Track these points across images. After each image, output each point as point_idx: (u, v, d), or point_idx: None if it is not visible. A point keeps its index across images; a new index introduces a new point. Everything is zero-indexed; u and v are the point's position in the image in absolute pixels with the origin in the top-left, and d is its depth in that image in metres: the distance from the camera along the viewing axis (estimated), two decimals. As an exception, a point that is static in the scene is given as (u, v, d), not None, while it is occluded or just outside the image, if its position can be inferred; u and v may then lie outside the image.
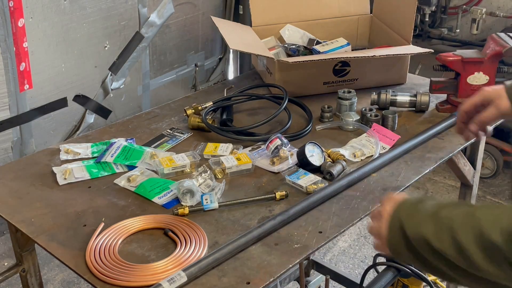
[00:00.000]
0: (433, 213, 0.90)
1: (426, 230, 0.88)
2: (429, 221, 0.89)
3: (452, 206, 0.90)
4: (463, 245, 0.83)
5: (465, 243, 0.83)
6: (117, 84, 3.07)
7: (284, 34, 2.07)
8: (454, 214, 0.87)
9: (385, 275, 1.47)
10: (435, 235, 0.87)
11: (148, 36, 3.12)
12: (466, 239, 0.83)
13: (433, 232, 0.88)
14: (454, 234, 0.85)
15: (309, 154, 1.44)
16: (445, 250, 0.86)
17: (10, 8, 2.39)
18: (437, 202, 0.93)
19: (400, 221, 0.94)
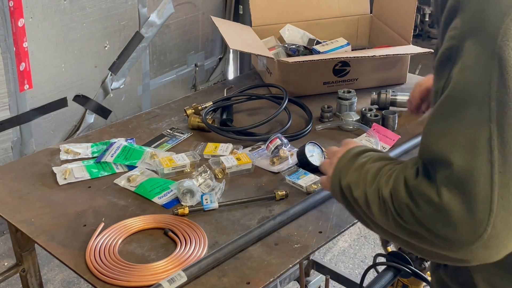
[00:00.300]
0: (361, 164, 0.99)
1: (351, 179, 0.98)
2: (355, 171, 0.98)
3: (375, 160, 0.98)
4: (367, 195, 0.92)
5: (368, 194, 0.92)
6: (117, 84, 3.07)
7: (284, 34, 2.07)
8: (372, 167, 0.96)
9: (385, 275, 1.47)
10: (355, 184, 0.96)
11: (148, 36, 3.12)
12: (369, 191, 0.92)
13: (355, 181, 0.96)
14: (364, 185, 0.94)
15: (309, 154, 1.44)
16: (358, 197, 0.94)
17: (10, 8, 2.39)
18: (370, 154, 1.01)
19: (339, 168, 1.01)
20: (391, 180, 0.88)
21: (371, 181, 0.93)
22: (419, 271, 1.47)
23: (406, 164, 0.88)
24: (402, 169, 0.88)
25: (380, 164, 0.96)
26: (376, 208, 0.90)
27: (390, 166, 0.93)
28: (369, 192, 0.92)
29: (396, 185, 0.86)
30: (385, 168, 0.93)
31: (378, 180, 0.92)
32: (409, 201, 0.82)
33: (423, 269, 1.63)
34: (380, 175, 0.92)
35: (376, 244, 2.88)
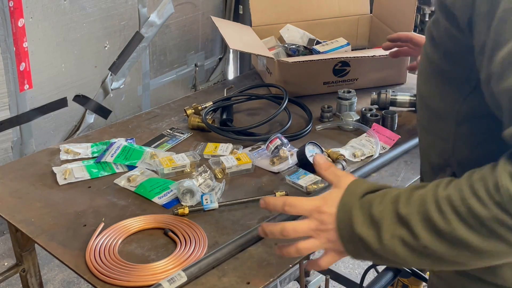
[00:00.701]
0: (387, 193, 0.85)
1: (379, 209, 0.84)
2: (381, 202, 0.84)
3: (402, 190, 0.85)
4: (429, 212, 0.80)
5: (430, 210, 0.79)
6: (117, 84, 3.07)
7: (284, 34, 2.07)
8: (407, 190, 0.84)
9: (385, 275, 1.47)
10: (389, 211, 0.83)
11: (148, 36, 3.12)
12: (430, 206, 0.80)
13: (387, 209, 0.83)
14: (416, 206, 0.81)
15: (309, 154, 1.44)
16: (410, 219, 0.81)
17: (10, 8, 2.39)
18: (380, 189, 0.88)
19: (349, 207, 0.86)
20: (475, 181, 0.77)
21: (427, 198, 0.80)
22: (419, 271, 1.47)
23: (503, 163, 0.76)
24: (491, 170, 0.77)
25: (422, 186, 0.84)
26: (446, 220, 0.78)
27: (445, 180, 0.82)
28: (429, 205, 0.79)
29: (497, 183, 0.74)
30: (441, 184, 0.81)
31: (439, 191, 0.80)
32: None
33: (423, 269, 1.63)
34: (439, 187, 0.81)
35: (376, 244, 2.87)
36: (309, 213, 0.92)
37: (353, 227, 0.85)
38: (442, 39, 0.90)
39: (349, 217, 0.86)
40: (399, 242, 0.82)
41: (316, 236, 0.92)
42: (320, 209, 0.90)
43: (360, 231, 0.84)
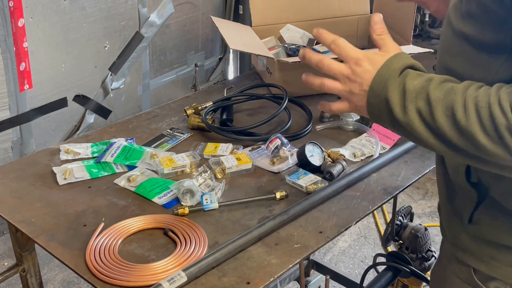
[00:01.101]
0: (423, 76, 0.93)
1: (415, 85, 0.92)
2: (419, 80, 0.92)
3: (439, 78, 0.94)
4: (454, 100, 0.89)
5: (456, 100, 0.89)
6: (117, 84, 3.07)
7: (284, 34, 2.07)
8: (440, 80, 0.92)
9: (385, 275, 1.47)
10: (420, 91, 0.91)
11: (148, 36, 3.12)
12: (458, 98, 0.89)
13: (420, 88, 0.91)
14: (446, 93, 0.90)
15: (309, 154, 1.44)
16: (435, 100, 0.90)
17: (10, 8, 2.39)
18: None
19: (385, 77, 0.94)
20: (503, 91, 0.86)
21: (460, 90, 0.89)
22: (419, 271, 1.47)
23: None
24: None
25: (454, 79, 0.93)
26: (466, 115, 0.87)
27: (477, 84, 0.90)
28: (457, 97, 0.88)
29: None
30: (472, 86, 0.90)
31: (469, 90, 0.88)
32: None
33: (423, 269, 1.63)
34: (471, 87, 0.89)
35: (376, 244, 2.88)
36: (348, 60, 1.01)
37: (386, 89, 0.94)
38: (474, 12, 0.93)
39: (385, 81, 0.94)
40: (418, 116, 0.91)
41: (342, 82, 1.01)
42: (359, 61, 0.99)
43: (390, 95, 0.93)
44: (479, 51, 0.95)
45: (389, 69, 0.96)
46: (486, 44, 0.94)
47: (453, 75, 1.00)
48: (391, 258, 1.49)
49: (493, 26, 0.92)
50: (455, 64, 1.01)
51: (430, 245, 1.63)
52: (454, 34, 1.00)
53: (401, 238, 1.60)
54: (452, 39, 1.01)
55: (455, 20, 1.00)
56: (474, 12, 0.94)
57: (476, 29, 0.94)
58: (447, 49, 1.03)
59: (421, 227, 1.61)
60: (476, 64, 0.96)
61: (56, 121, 2.82)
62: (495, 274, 1.03)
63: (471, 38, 0.95)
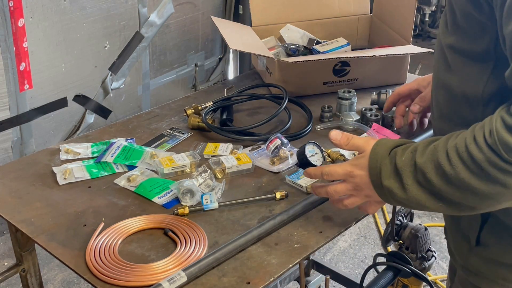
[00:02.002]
0: (407, 148, 0.99)
1: (403, 160, 0.97)
2: (403, 154, 0.98)
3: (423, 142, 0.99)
4: (438, 157, 0.93)
5: (440, 155, 0.92)
6: (117, 84, 3.07)
7: (284, 34, 2.07)
8: (425, 143, 0.97)
9: (385, 275, 1.47)
10: (407, 161, 0.96)
11: (148, 36, 3.12)
12: (440, 154, 0.92)
13: (407, 159, 0.97)
14: (431, 153, 0.94)
15: (309, 154, 1.44)
16: (422, 165, 0.94)
17: (10, 8, 2.39)
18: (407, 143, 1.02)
19: (377, 159, 1.01)
20: (477, 129, 0.88)
21: (440, 146, 0.92)
22: (419, 271, 1.47)
23: (500, 109, 0.87)
24: (490, 118, 0.87)
25: (437, 139, 0.96)
26: (452, 166, 0.89)
27: (457, 133, 0.93)
28: (440, 154, 0.91)
29: (491, 128, 0.85)
30: (452, 136, 0.93)
31: (449, 142, 0.91)
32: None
33: (423, 269, 1.63)
34: (451, 138, 0.92)
35: (376, 244, 2.88)
36: (344, 178, 1.10)
37: (381, 179, 1.00)
38: (459, 23, 0.95)
39: (379, 171, 1.01)
40: (418, 187, 0.95)
41: (355, 194, 1.11)
42: (352, 173, 1.08)
43: (386, 182, 0.99)
44: (468, 61, 0.96)
45: (376, 161, 1.02)
46: (473, 53, 0.95)
47: (448, 90, 1.03)
48: (391, 258, 1.49)
49: (476, 34, 0.93)
50: (445, 78, 1.03)
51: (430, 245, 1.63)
52: (442, 48, 1.02)
53: (401, 238, 1.60)
54: (441, 53, 1.03)
55: (442, 35, 1.03)
56: (460, 23, 0.95)
57: (462, 39, 0.96)
58: (438, 64, 1.05)
59: (421, 227, 1.61)
60: (467, 75, 0.98)
61: (56, 121, 2.82)
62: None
63: (459, 50, 0.97)
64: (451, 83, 1.02)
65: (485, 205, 0.91)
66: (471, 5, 0.91)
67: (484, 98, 0.96)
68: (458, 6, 0.95)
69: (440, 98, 1.07)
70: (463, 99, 1.00)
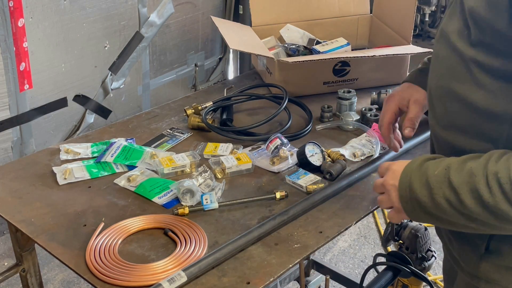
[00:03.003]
0: (440, 162, 0.98)
1: (432, 178, 0.97)
2: (436, 169, 0.97)
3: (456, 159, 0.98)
4: (476, 182, 0.91)
5: (478, 181, 0.91)
6: (117, 84, 3.07)
7: (284, 34, 2.07)
8: (457, 161, 0.96)
9: (385, 275, 1.47)
10: (438, 179, 0.96)
11: (148, 36, 3.12)
12: (479, 179, 0.91)
13: (439, 177, 0.96)
14: (467, 176, 0.93)
15: (309, 154, 1.44)
16: (458, 186, 0.93)
17: (10, 8, 2.39)
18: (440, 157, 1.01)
19: (409, 174, 1.01)
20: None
21: (477, 169, 0.91)
22: (419, 271, 1.47)
23: None
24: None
25: (473, 157, 0.94)
26: (492, 195, 0.88)
27: (495, 155, 0.91)
28: (479, 178, 0.90)
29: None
30: (491, 159, 0.91)
31: (490, 166, 0.90)
32: None
33: (423, 269, 1.63)
34: (490, 162, 0.90)
35: (376, 244, 2.88)
36: (380, 189, 1.13)
37: (411, 189, 1.00)
38: (490, 42, 0.92)
39: (409, 181, 1.01)
40: (448, 204, 0.94)
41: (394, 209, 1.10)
42: (385, 182, 1.09)
43: (416, 191, 0.98)
44: (498, 80, 0.93)
45: (409, 171, 1.02)
46: (506, 72, 0.92)
47: (466, 103, 0.98)
48: (391, 258, 1.49)
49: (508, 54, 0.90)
50: (467, 92, 0.98)
51: (430, 245, 1.63)
52: (464, 61, 0.97)
53: (401, 238, 1.60)
54: (460, 65, 0.98)
55: (463, 47, 0.97)
56: (490, 41, 0.92)
57: (494, 58, 0.92)
58: (454, 76, 1.00)
59: (421, 227, 1.61)
60: (495, 93, 0.94)
61: (56, 121, 2.82)
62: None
63: (488, 67, 0.93)
64: (473, 97, 0.97)
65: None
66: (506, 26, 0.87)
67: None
68: (492, 26, 0.90)
69: (450, 109, 1.03)
70: (487, 115, 0.96)
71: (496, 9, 0.88)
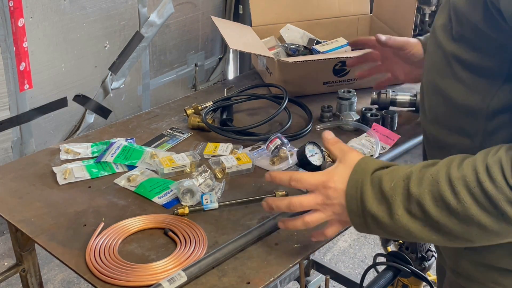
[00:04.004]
0: (394, 169, 0.91)
1: (388, 185, 0.90)
2: (389, 176, 0.91)
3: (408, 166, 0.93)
4: (440, 187, 0.86)
5: (442, 186, 0.85)
6: (117, 84, 3.07)
7: (284, 34, 2.07)
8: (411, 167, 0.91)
9: (385, 275, 1.47)
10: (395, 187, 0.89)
11: (148, 36, 3.12)
12: (442, 183, 0.86)
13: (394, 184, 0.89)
14: (428, 182, 0.87)
15: (309, 154, 1.44)
16: (419, 195, 0.87)
17: (10, 8, 2.39)
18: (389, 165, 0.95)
19: (357, 181, 0.93)
20: (491, 163, 0.82)
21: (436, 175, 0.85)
22: (419, 271, 1.47)
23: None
24: (506, 151, 0.82)
25: (432, 163, 0.89)
26: (460, 200, 0.83)
27: (457, 159, 0.86)
28: (442, 185, 0.84)
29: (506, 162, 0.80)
30: (452, 163, 0.86)
31: (452, 172, 0.84)
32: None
33: (423, 269, 1.63)
34: (452, 167, 0.85)
35: (376, 244, 2.88)
36: (315, 188, 0.99)
37: (364, 203, 0.91)
38: (468, 37, 0.91)
39: (360, 194, 0.92)
40: (410, 217, 0.87)
41: (322, 210, 0.99)
42: (325, 184, 0.97)
43: (371, 207, 0.90)
44: (475, 75, 0.93)
45: (358, 181, 0.92)
46: (483, 69, 0.91)
47: (447, 97, 0.98)
48: (391, 258, 1.49)
49: (492, 52, 0.90)
50: (447, 86, 0.99)
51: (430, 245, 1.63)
52: (445, 55, 0.98)
53: (401, 238, 1.61)
54: (443, 60, 0.99)
55: (445, 41, 0.98)
56: (470, 37, 0.91)
57: (471, 53, 0.92)
58: (437, 70, 1.01)
59: (421, 227, 1.61)
60: (472, 88, 0.94)
61: (56, 121, 2.82)
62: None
63: (467, 63, 0.93)
64: (452, 92, 0.98)
65: (486, 240, 0.87)
66: (490, 25, 0.87)
67: (488, 112, 0.92)
68: (470, 22, 0.90)
69: (434, 103, 1.04)
70: (465, 110, 0.96)
71: (474, 2, 0.88)
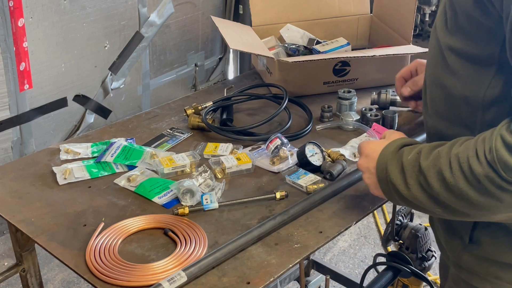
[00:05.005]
0: (414, 148, 1.03)
1: (408, 158, 1.01)
2: (408, 154, 1.02)
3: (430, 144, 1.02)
4: (440, 164, 0.96)
5: (442, 163, 0.95)
6: (117, 84, 3.07)
7: (284, 34, 2.07)
8: (431, 146, 1.00)
9: (385, 275, 1.47)
10: (412, 161, 1.00)
11: (148, 36, 3.12)
12: (443, 161, 0.96)
13: (412, 159, 1.00)
14: (435, 157, 0.97)
15: (309, 154, 1.44)
16: (426, 169, 0.97)
17: (10, 8, 2.39)
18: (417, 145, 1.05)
19: (386, 156, 1.06)
20: (479, 142, 0.89)
21: (444, 152, 0.94)
22: (419, 271, 1.47)
23: (500, 126, 0.88)
24: (492, 132, 0.89)
25: (442, 144, 0.98)
26: (453, 174, 0.92)
27: (461, 140, 0.94)
28: (443, 160, 0.93)
29: (491, 145, 0.87)
30: (456, 143, 0.94)
31: (453, 150, 0.93)
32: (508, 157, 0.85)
33: (423, 269, 1.63)
34: (454, 146, 0.94)
35: (376, 244, 2.88)
36: (365, 156, 1.16)
37: (387, 172, 1.04)
38: (462, 25, 0.95)
39: (385, 164, 1.05)
40: (419, 187, 0.98)
41: (365, 172, 1.16)
42: (369, 155, 1.14)
43: (392, 175, 1.03)
44: (469, 64, 0.96)
45: (385, 153, 1.06)
46: (476, 57, 0.95)
47: (446, 90, 1.02)
48: (391, 258, 1.49)
49: (482, 39, 0.93)
50: (445, 78, 1.02)
51: (430, 245, 1.63)
52: (442, 48, 1.01)
53: (401, 238, 1.60)
54: (440, 53, 1.03)
55: (441, 34, 1.01)
56: (463, 25, 0.95)
57: (465, 42, 0.96)
58: (436, 63, 1.05)
59: (421, 227, 1.61)
60: (468, 78, 0.97)
61: (56, 121, 2.82)
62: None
63: (461, 52, 0.97)
64: (450, 84, 1.01)
65: (479, 215, 0.95)
66: (479, 10, 0.90)
67: (484, 102, 0.95)
68: (462, 9, 0.94)
69: (436, 96, 1.07)
70: (463, 101, 1.00)
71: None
